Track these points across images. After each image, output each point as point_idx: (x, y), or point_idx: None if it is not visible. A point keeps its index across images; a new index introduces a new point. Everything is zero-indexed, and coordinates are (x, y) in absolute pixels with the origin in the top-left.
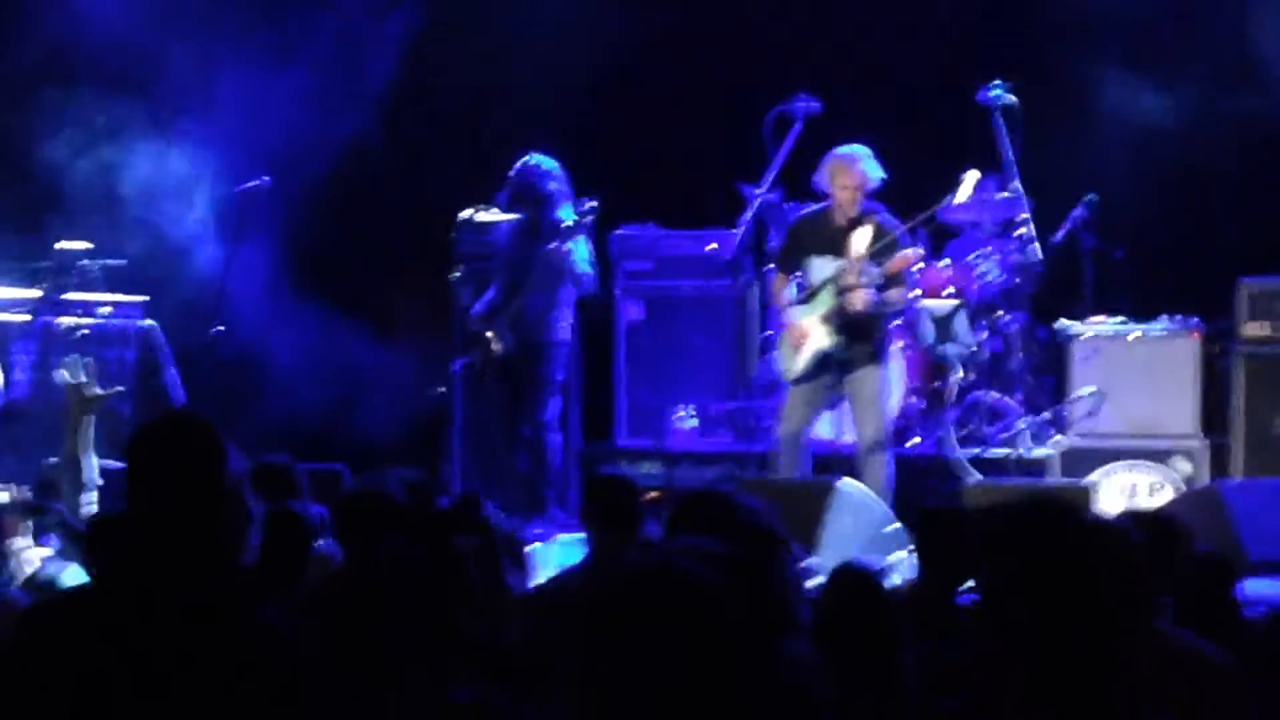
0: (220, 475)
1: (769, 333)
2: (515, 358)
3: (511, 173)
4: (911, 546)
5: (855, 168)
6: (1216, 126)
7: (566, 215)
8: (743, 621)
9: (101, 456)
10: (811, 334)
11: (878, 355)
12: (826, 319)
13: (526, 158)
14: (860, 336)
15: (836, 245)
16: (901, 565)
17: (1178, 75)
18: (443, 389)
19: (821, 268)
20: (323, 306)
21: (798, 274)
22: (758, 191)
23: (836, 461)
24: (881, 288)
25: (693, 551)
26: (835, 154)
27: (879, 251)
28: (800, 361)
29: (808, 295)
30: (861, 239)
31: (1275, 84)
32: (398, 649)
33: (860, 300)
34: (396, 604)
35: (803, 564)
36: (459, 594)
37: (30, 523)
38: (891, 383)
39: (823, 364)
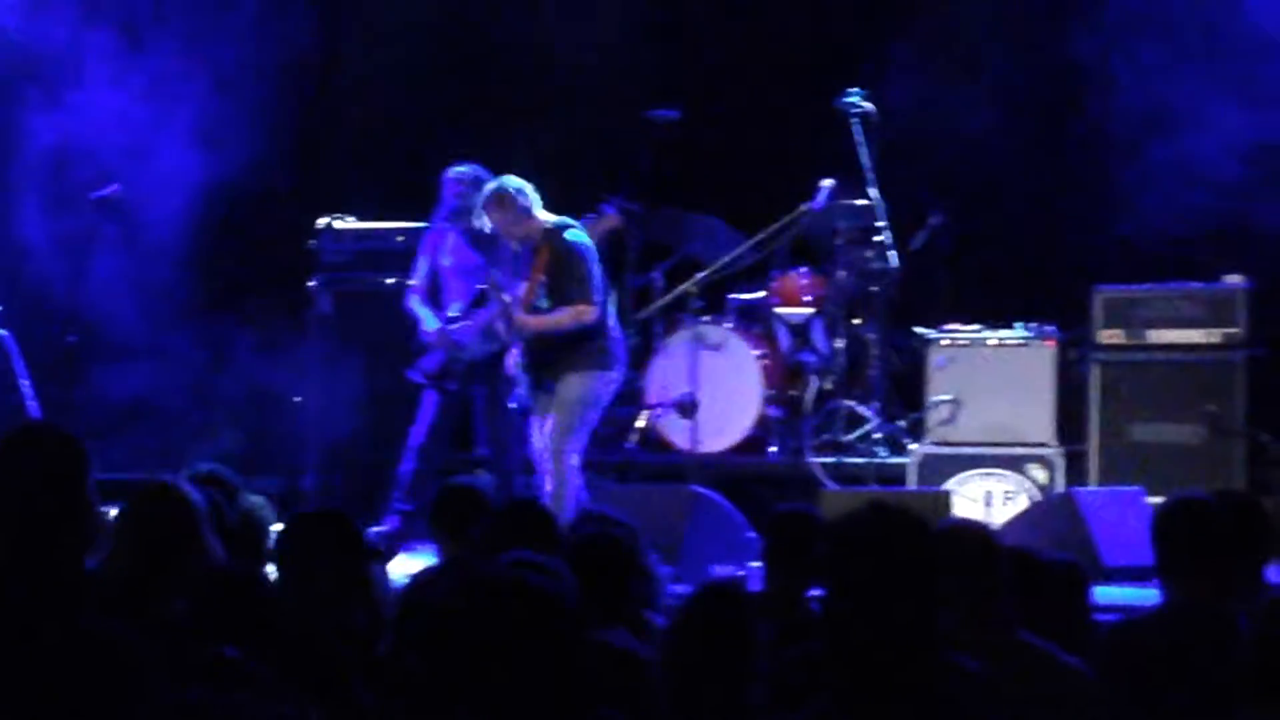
0: (80, 486)
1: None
2: (487, 364)
3: (444, 184)
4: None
5: None
6: (1067, 134)
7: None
8: (575, 624)
9: None
10: None
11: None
12: None
13: (456, 167)
14: None
15: None
16: (758, 574)
17: (1026, 83)
18: (299, 399)
19: None
20: (180, 313)
21: None
22: (616, 200)
23: (690, 469)
24: None
25: (528, 562)
26: None
27: None
28: None
29: None
30: None
31: (1123, 91)
32: None
33: None
34: None
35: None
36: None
37: None
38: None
39: None
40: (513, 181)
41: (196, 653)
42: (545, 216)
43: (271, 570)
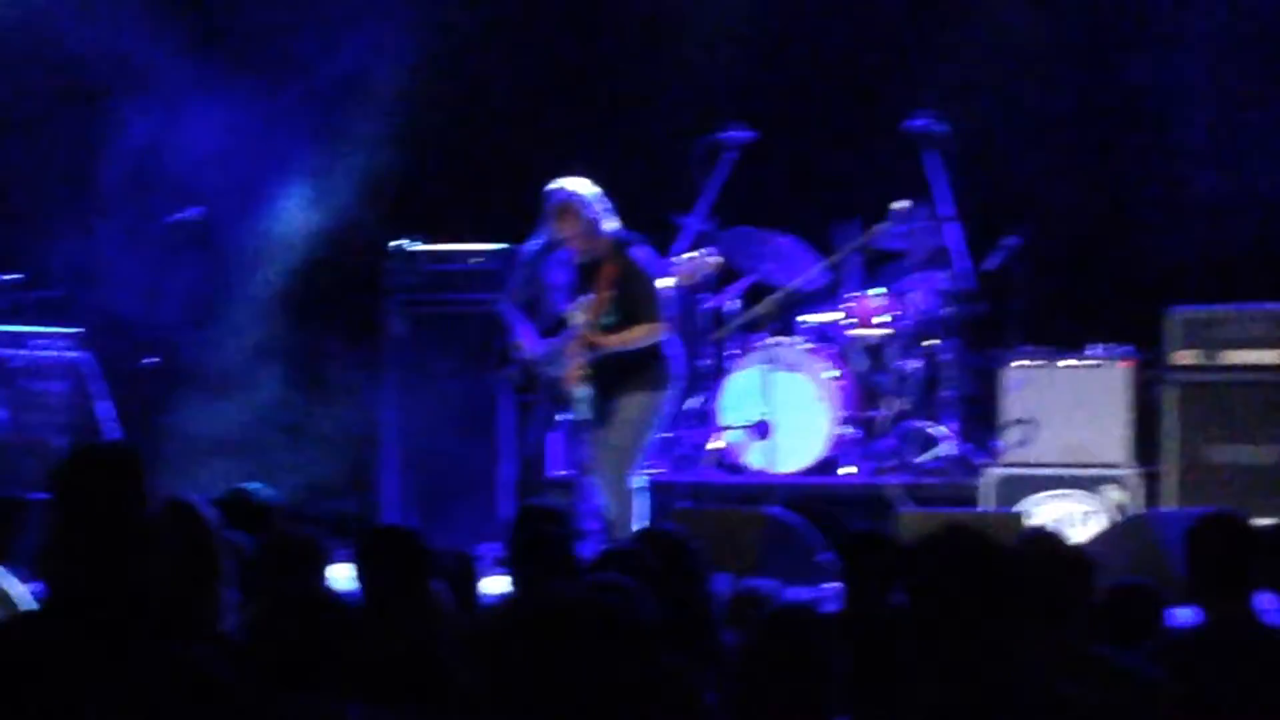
0: (141, 506)
1: (703, 362)
2: (560, 382)
3: (546, 199)
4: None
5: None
6: (1141, 154)
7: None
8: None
9: (34, 490)
10: None
11: None
12: None
13: (558, 182)
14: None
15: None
16: (835, 595)
17: (1099, 103)
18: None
19: None
20: (255, 337)
21: None
22: (688, 220)
23: (764, 490)
24: None
25: (610, 585)
26: None
27: None
28: None
29: None
30: None
31: (1192, 111)
32: None
33: None
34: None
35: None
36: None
37: None
38: None
39: None
40: (583, 191)
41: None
42: (611, 229)
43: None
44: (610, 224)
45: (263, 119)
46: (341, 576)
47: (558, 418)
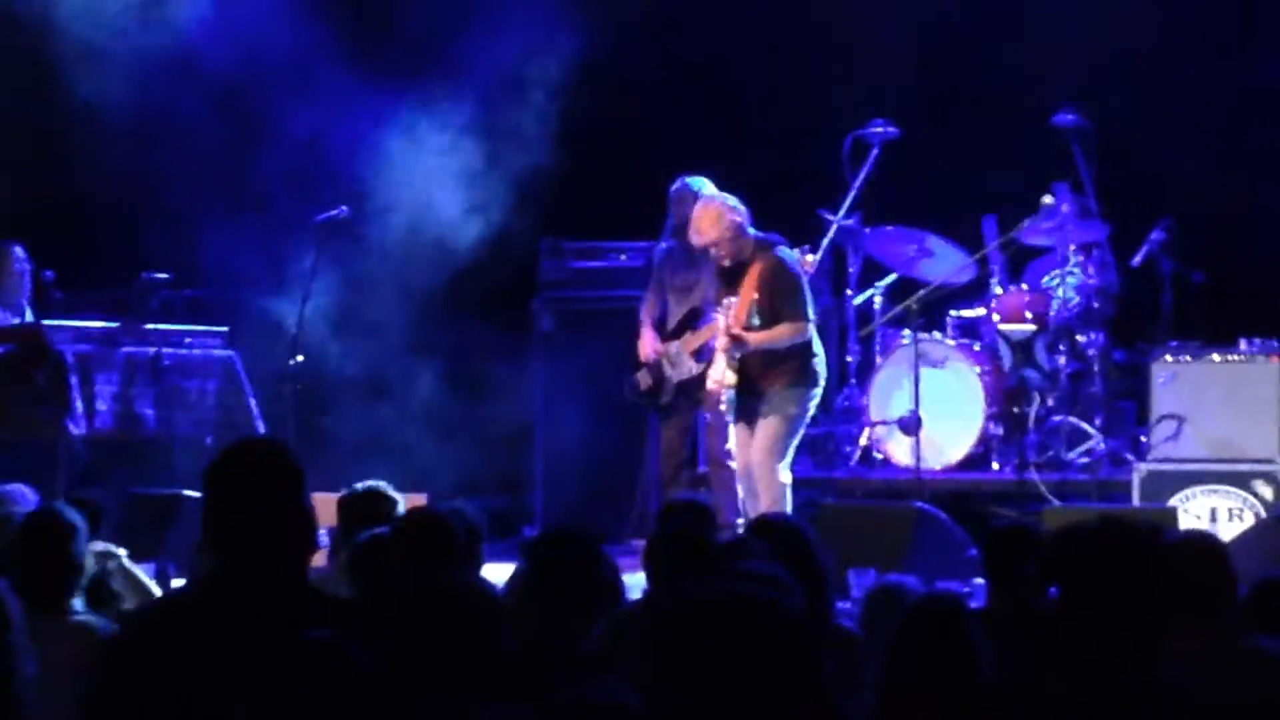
0: (297, 499)
1: (849, 359)
2: (696, 382)
3: (673, 199)
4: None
5: None
6: None
7: None
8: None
9: (184, 487)
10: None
11: None
12: None
13: (683, 181)
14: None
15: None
16: (981, 591)
17: (1245, 95)
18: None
19: None
20: (402, 334)
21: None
22: (835, 217)
23: (912, 486)
24: None
25: (757, 576)
26: None
27: None
28: None
29: None
30: None
31: None
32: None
33: None
34: None
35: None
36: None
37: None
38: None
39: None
40: (724, 196)
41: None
42: (752, 233)
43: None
44: (749, 228)
45: (416, 117)
46: (497, 575)
47: (698, 416)
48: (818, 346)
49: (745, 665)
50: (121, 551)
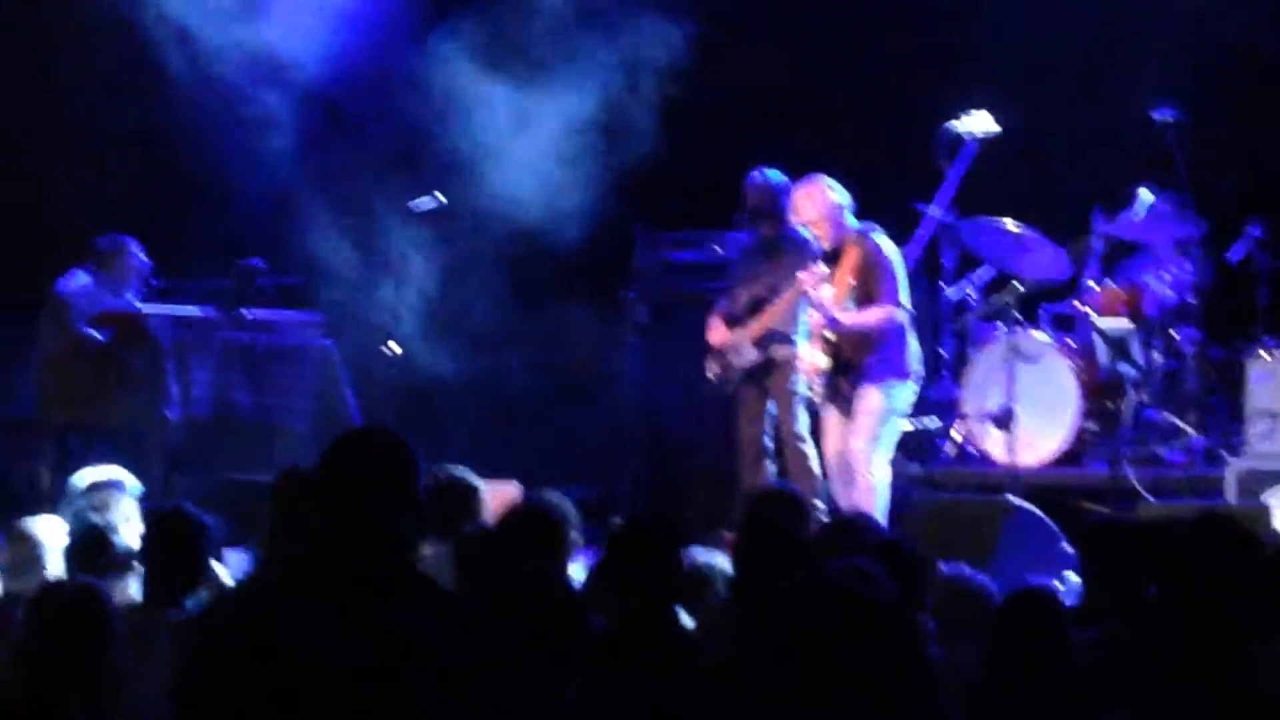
0: (412, 488)
1: (943, 352)
2: (760, 370)
3: (747, 188)
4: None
5: None
6: None
7: (805, 233)
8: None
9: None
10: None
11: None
12: None
13: (760, 172)
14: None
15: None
16: (1074, 586)
17: None
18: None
19: None
20: (496, 322)
21: None
22: (931, 210)
23: (1005, 481)
24: None
25: (855, 570)
26: None
27: None
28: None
29: None
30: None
31: None
32: None
33: None
34: None
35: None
36: None
37: None
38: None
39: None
40: (828, 180)
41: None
42: (851, 221)
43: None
44: (848, 215)
45: (515, 104)
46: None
47: (768, 402)
48: (912, 340)
49: (839, 655)
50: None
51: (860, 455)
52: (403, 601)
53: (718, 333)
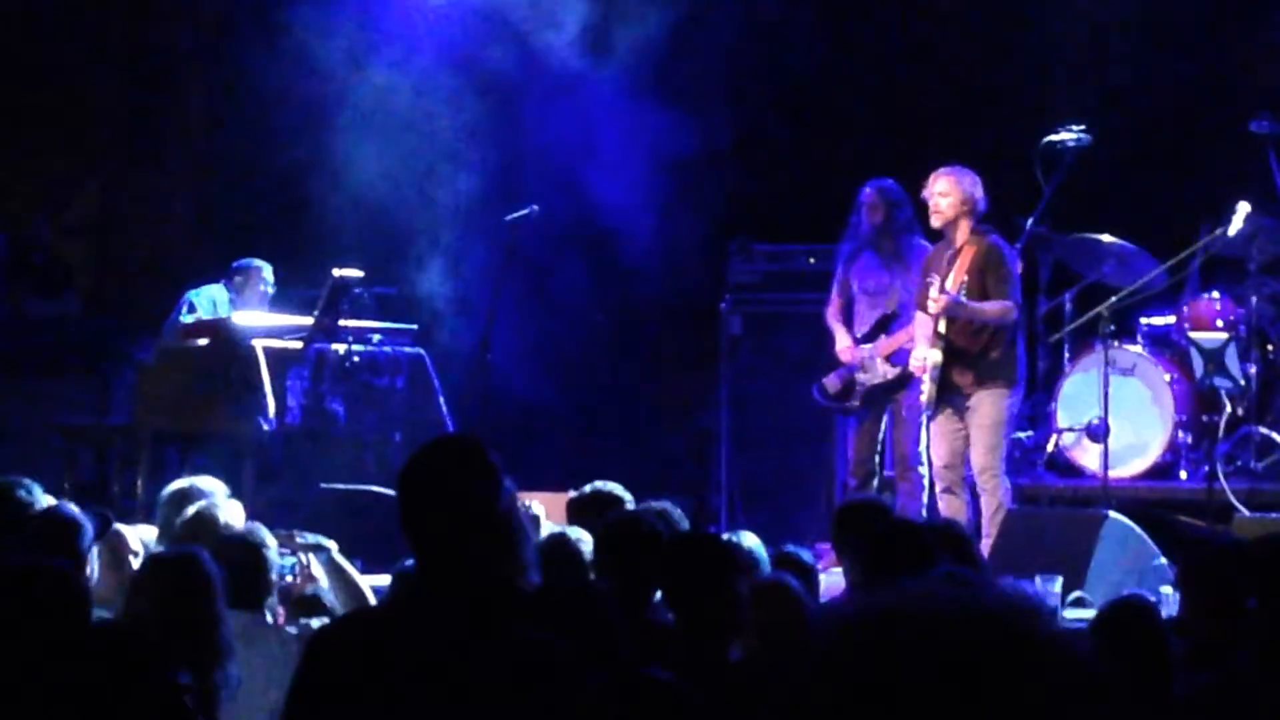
0: (496, 496)
1: (1039, 365)
2: (888, 387)
3: (866, 200)
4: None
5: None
6: None
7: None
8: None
9: (372, 483)
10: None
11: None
12: None
13: (874, 182)
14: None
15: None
16: (1169, 600)
17: None
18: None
19: None
20: (590, 335)
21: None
22: (1028, 223)
23: (1099, 494)
24: None
25: (957, 580)
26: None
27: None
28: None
29: None
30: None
31: None
32: None
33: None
34: None
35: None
36: None
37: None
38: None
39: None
40: (973, 174)
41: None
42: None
43: None
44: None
45: (610, 119)
46: None
47: (887, 421)
48: (1021, 347)
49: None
50: (331, 544)
51: (988, 468)
52: (503, 617)
53: (847, 349)
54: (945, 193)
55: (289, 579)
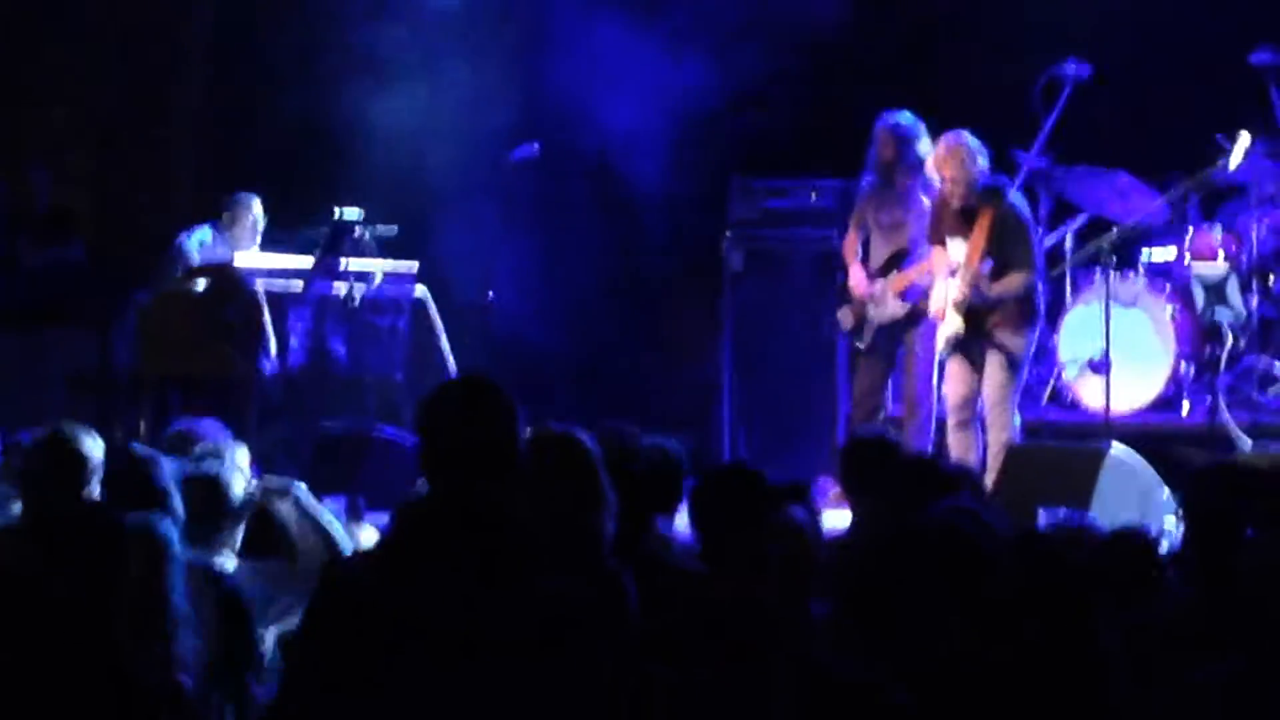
0: (515, 438)
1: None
2: (898, 324)
3: (880, 134)
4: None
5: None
6: None
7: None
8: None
9: (375, 424)
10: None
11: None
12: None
13: (893, 117)
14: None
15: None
16: (1173, 531)
17: None
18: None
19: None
20: (591, 272)
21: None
22: (1027, 156)
23: (1102, 427)
24: None
25: (963, 511)
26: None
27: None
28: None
29: None
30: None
31: None
32: None
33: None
34: None
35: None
36: None
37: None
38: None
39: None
40: (969, 137)
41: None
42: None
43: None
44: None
45: (606, 56)
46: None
47: (897, 357)
48: (1040, 293)
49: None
50: (300, 486)
51: (998, 406)
52: (517, 553)
53: (860, 283)
54: (956, 179)
55: None
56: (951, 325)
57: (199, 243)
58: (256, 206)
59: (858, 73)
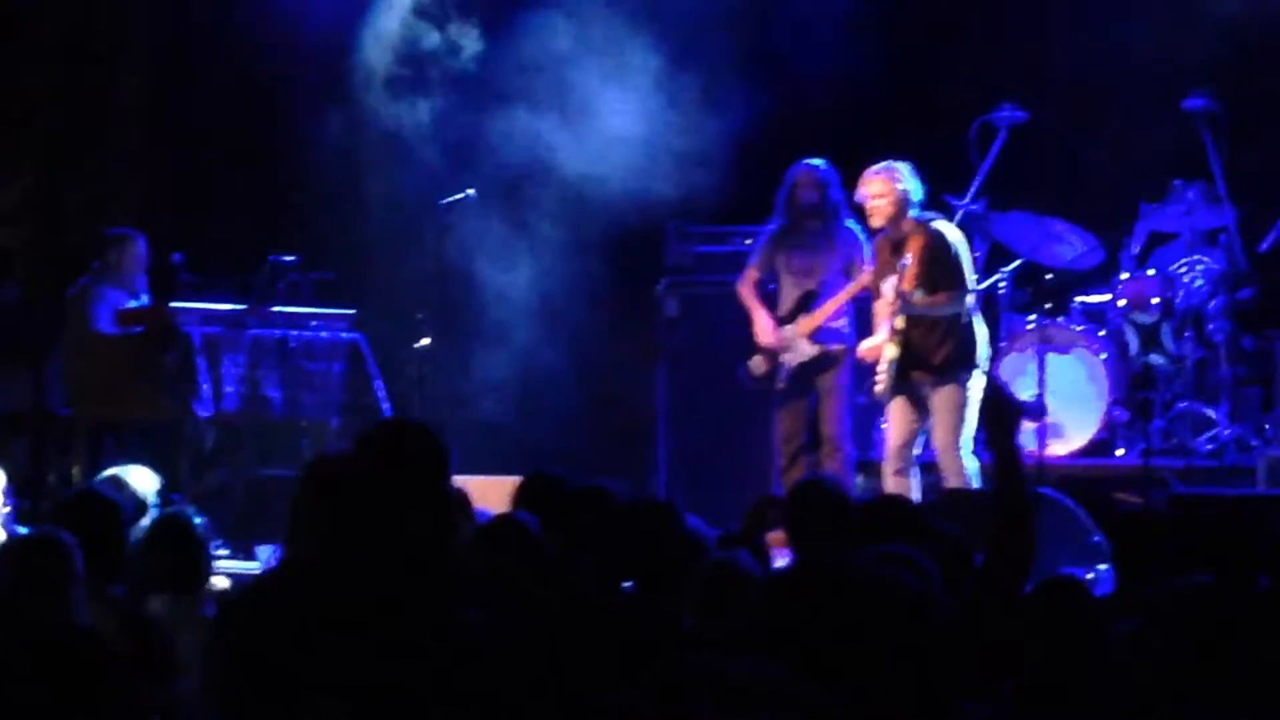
0: (443, 480)
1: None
2: (811, 366)
3: (797, 179)
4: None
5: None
6: None
7: (856, 228)
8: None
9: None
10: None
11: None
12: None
13: (806, 163)
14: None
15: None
16: (1105, 577)
17: None
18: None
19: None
20: (528, 316)
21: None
22: (962, 202)
23: (1036, 471)
24: None
25: (894, 558)
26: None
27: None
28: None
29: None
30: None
31: None
32: None
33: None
34: None
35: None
36: None
37: None
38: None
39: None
40: (901, 167)
41: None
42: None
43: None
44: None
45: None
46: None
47: (812, 399)
48: (980, 326)
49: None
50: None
51: (949, 449)
52: (441, 593)
53: (766, 332)
54: (880, 194)
55: None
56: (888, 354)
57: (95, 287)
58: (138, 242)
59: (793, 121)
